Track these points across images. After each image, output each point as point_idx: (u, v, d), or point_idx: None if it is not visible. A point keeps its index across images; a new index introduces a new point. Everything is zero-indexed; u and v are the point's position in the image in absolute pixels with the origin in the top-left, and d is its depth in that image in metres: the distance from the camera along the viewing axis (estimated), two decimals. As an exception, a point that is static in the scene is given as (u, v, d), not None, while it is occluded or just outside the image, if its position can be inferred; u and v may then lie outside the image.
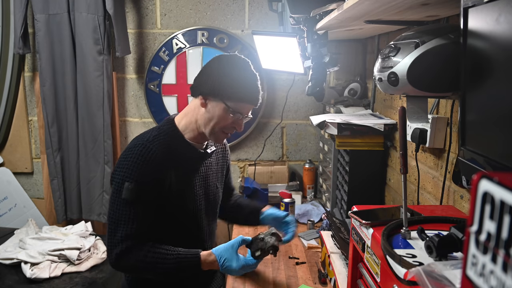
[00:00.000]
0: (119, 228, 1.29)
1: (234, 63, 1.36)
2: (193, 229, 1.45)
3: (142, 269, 1.31)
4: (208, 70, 1.38)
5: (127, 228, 1.29)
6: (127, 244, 1.29)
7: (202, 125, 1.38)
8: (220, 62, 1.37)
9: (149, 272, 1.32)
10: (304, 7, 1.51)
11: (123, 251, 1.28)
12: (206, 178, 1.47)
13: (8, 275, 1.97)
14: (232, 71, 1.34)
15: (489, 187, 0.41)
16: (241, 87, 1.34)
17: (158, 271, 1.30)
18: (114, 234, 1.30)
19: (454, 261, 0.71)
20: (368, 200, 1.85)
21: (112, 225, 1.30)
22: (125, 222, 1.29)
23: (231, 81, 1.33)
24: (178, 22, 2.55)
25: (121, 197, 1.29)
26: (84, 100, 2.49)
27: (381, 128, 1.80)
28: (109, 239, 1.31)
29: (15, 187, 2.72)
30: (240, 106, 1.35)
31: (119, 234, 1.29)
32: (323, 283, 1.51)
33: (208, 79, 1.35)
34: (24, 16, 2.40)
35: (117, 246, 1.29)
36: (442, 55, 0.97)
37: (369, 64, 2.34)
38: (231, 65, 1.36)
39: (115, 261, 1.30)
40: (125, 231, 1.29)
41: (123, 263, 1.30)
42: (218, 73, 1.34)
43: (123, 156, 1.34)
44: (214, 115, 1.35)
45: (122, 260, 1.29)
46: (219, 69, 1.35)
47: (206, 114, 1.36)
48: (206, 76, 1.37)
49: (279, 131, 2.65)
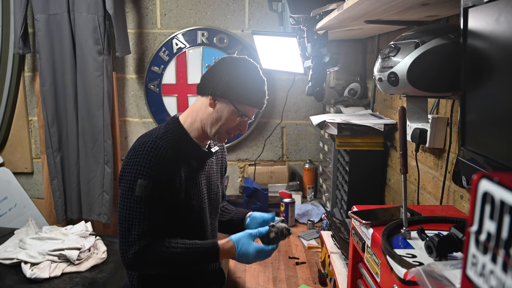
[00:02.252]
0: (133, 226, 1.28)
1: (245, 67, 1.39)
2: (197, 227, 1.45)
3: (161, 265, 1.31)
4: (219, 71, 1.38)
5: (143, 226, 1.28)
6: (145, 241, 1.28)
7: (207, 124, 1.39)
8: (232, 64, 1.38)
9: (168, 267, 1.32)
10: (304, 7, 1.51)
11: (141, 249, 1.27)
12: (209, 177, 1.48)
13: (8, 275, 1.97)
14: (244, 74, 1.37)
15: (489, 187, 0.41)
16: (251, 91, 1.37)
17: (178, 265, 1.32)
18: (129, 233, 1.28)
19: (454, 261, 0.71)
20: (368, 200, 1.85)
21: (126, 224, 1.29)
22: (140, 220, 1.28)
23: (242, 85, 1.36)
24: (178, 22, 2.55)
25: (133, 195, 1.28)
26: (84, 100, 2.49)
27: (381, 128, 1.80)
28: (123, 238, 1.29)
29: (15, 187, 2.72)
30: (247, 109, 1.38)
31: (135, 232, 1.28)
32: (323, 283, 1.51)
33: (219, 80, 1.36)
34: (24, 16, 2.40)
35: (134, 245, 1.27)
36: (442, 55, 0.97)
37: (369, 64, 2.34)
38: (243, 69, 1.38)
39: (133, 260, 1.28)
40: (141, 229, 1.28)
41: (142, 262, 1.29)
42: (230, 75, 1.36)
43: (132, 154, 1.33)
44: (222, 116, 1.37)
45: (141, 258, 1.28)
46: (231, 71, 1.36)
47: (214, 114, 1.37)
48: (216, 77, 1.38)
49: (279, 131, 2.65)
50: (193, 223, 1.44)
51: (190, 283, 1.46)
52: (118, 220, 1.32)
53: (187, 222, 1.42)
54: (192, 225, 1.44)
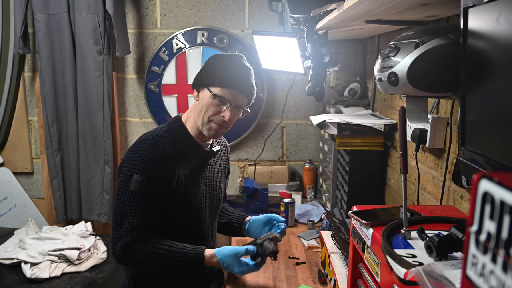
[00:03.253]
0: (125, 220, 1.29)
1: (224, 56, 1.43)
2: (195, 227, 1.45)
3: (146, 262, 1.31)
4: (202, 66, 1.45)
5: (133, 220, 1.29)
6: (132, 236, 1.28)
7: (197, 119, 1.40)
8: (214, 56, 1.44)
9: (153, 266, 1.32)
10: (304, 7, 1.51)
11: (127, 243, 1.28)
12: (210, 177, 1.48)
13: (8, 275, 1.97)
14: (221, 61, 1.40)
15: (489, 187, 0.41)
16: (225, 73, 1.36)
17: (163, 265, 1.31)
18: (120, 226, 1.30)
19: (454, 261, 0.71)
20: (368, 200, 1.84)
21: (118, 217, 1.30)
22: (131, 214, 1.29)
23: (215, 69, 1.38)
24: (178, 22, 2.55)
25: (128, 189, 1.29)
26: (84, 100, 2.48)
27: (381, 128, 1.80)
28: (114, 231, 1.31)
29: (15, 187, 2.72)
30: (225, 93, 1.35)
31: (125, 226, 1.29)
32: (323, 283, 1.51)
33: (200, 72, 1.42)
34: (24, 16, 2.40)
35: (122, 238, 1.28)
36: (442, 55, 0.97)
37: (369, 64, 2.34)
38: (220, 58, 1.42)
39: (120, 253, 1.29)
40: (131, 223, 1.29)
41: (128, 256, 1.30)
42: (207, 65, 1.41)
43: (131, 149, 1.35)
44: (203, 104, 1.38)
45: (127, 252, 1.29)
46: (210, 62, 1.42)
47: (198, 105, 1.40)
48: (200, 71, 1.44)
49: (279, 131, 2.65)
50: (192, 222, 1.44)
51: (188, 283, 1.46)
52: (112, 213, 1.33)
53: (185, 222, 1.43)
54: (191, 225, 1.44)
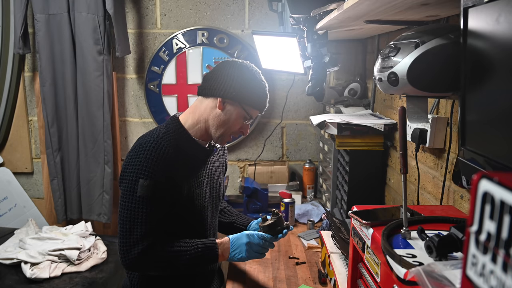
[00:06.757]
0: (136, 226, 1.27)
1: (251, 71, 1.42)
2: (198, 226, 1.45)
3: (164, 265, 1.31)
4: (226, 74, 1.39)
5: (146, 226, 1.27)
6: (148, 241, 1.27)
7: (213, 126, 1.40)
8: (239, 68, 1.40)
9: (170, 267, 1.32)
10: (304, 7, 1.51)
11: (144, 250, 1.26)
12: (210, 175, 1.49)
13: (8, 275, 1.97)
14: (252, 78, 1.40)
15: (489, 187, 0.41)
16: (258, 94, 1.42)
17: (179, 265, 1.31)
18: (131, 233, 1.27)
19: (454, 261, 0.71)
20: (368, 200, 1.85)
21: (127, 224, 1.28)
22: (142, 220, 1.27)
23: (251, 88, 1.39)
24: (178, 22, 2.55)
25: (135, 195, 1.28)
26: (84, 100, 2.48)
27: (381, 128, 1.80)
28: (125, 239, 1.28)
29: (15, 187, 2.72)
30: (253, 113, 1.43)
31: (137, 232, 1.27)
32: (323, 283, 1.51)
33: (229, 83, 1.37)
34: (24, 16, 2.40)
35: (137, 245, 1.26)
36: (442, 55, 0.97)
37: (369, 64, 2.34)
38: (250, 73, 1.41)
39: (135, 260, 1.27)
40: (144, 229, 1.27)
41: (145, 262, 1.29)
42: (239, 79, 1.38)
43: (133, 154, 1.32)
44: (230, 119, 1.39)
45: (144, 258, 1.27)
46: (240, 75, 1.39)
47: (222, 116, 1.38)
48: (225, 79, 1.38)
49: (279, 131, 2.65)
50: (195, 221, 1.44)
51: (189, 283, 1.46)
52: (119, 221, 1.31)
53: (188, 221, 1.42)
54: (193, 224, 1.44)
